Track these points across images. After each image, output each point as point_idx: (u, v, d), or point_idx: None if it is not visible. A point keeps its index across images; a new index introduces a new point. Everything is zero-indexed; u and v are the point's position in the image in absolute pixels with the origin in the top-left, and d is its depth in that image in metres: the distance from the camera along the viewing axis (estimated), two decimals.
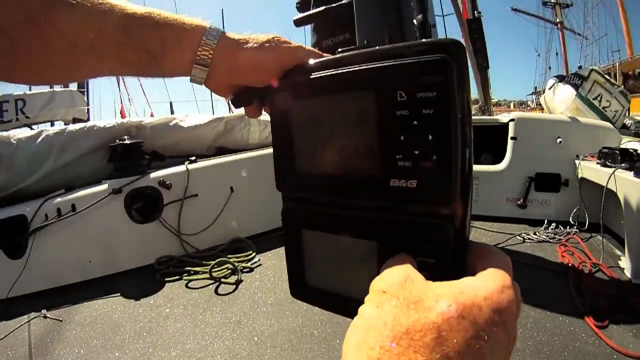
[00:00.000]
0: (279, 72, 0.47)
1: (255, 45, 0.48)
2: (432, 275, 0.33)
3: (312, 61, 0.47)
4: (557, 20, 31.59)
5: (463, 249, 0.37)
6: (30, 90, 8.25)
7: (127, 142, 3.25)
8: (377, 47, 0.41)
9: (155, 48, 0.46)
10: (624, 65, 20.54)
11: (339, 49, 0.45)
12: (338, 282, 0.46)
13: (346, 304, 0.44)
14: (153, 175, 3.30)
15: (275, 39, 0.48)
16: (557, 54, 33.28)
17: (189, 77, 0.49)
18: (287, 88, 0.47)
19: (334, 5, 1.66)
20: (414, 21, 1.41)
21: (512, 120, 3.86)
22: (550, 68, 36.24)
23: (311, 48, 0.49)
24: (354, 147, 0.41)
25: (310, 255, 0.48)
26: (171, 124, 3.74)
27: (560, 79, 4.94)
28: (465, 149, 0.35)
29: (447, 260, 0.36)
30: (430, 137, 0.35)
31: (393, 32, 1.40)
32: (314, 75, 0.43)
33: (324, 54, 0.48)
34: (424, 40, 0.40)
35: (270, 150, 0.51)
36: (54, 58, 0.44)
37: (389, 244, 0.39)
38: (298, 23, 1.90)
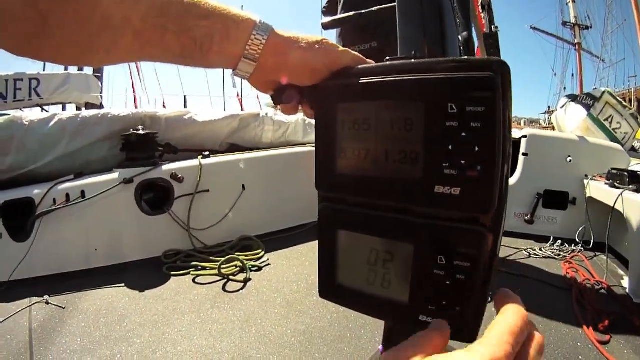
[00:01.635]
0: (326, 74, 0.48)
1: (305, 45, 0.48)
2: (465, 277, 0.39)
3: (359, 66, 0.48)
4: (576, 42, 31.57)
5: (495, 258, 0.39)
6: (44, 70, 8.14)
7: (141, 132, 3.23)
8: (427, 60, 0.43)
9: (202, 38, 0.44)
10: (639, 91, 20.56)
11: (387, 57, 0.48)
12: (370, 283, 0.47)
13: (377, 305, 0.47)
14: (165, 167, 3.28)
15: (325, 41, 0.49)
16: (572, 75, 33.24)
17: (230, 70, 0.49)
18: (335, 90, 0.48)
19: (362, 11, 1.66)
20: (459, 37, 1.41)
21: (524, 136, 3.89)
22: (565, 88, 36.21)
23: (357, 54, 0.50)
24: (400, 153, 0.43)
25: (344, 255, 0.49)
26: (186, 117, 3.74)
27: (573, 98, 4.99)
28: (504, 164, 0.37)
29: (480, 265, 0.38)
30: (476, 148, 0.37)
31: (434, 47, 1.40)
32: (364, 80, 0.45)
33: (369, 61, 0.50)
34: (472, 57, 0.42)
35: (283, 150, 0.52)
36: (90, 38, 0.42)
37: (426, 247, 0.41)
38: (326, 27, 1.90)
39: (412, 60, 0.44)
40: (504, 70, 0.37)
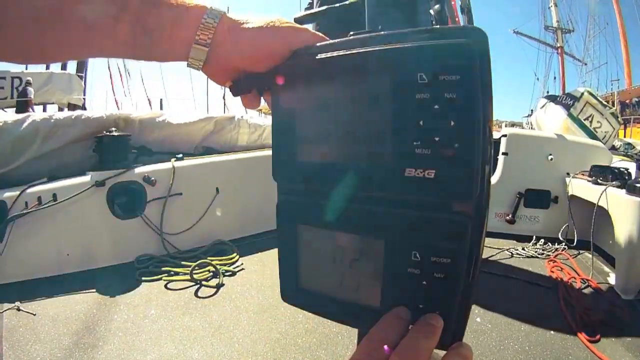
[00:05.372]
0: (283, 54, 0.44)
1: (257, 25, 0.45)
2: (445, 276, 0.33)
3: (319, 43, 0.43)
4: (558, 45, 31.85)
5: (478, 254, 0.34)
6: (27, 69, 8.02)
7: (114, 134, 3.16)
8: (394, 31, 0.37)
9: (152, 27, 0.43)
10: (622, 94, 20.73)
11: (351, 32, 0.42)
12: (336, 286, 0.42)
13: (345, 311, 0.41)
14: (138, 170, 3.20)
15: (278, 19, 0.46)
16: (554, 78, 33.39)
17: (186, 64, 0.46)
18: (292, 70, 0.43)
19: (336, 5, 1.64)
20: (431, 11, 1.35)
21: (504, 135, 3.88)
22: (547, 92, 36.07)
23: (317, 32, 0.46)
24: (365, 133, 0.38)
25: (306, 254, 0.44)
26: (160, 119, 3.67)
27: (552, 98, 5.01)
28: (486, 142, 0.32)
29: (462, 262, 0.33)
30: (452, 123, 0.32)
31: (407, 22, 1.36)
32: (322, 56, 0.40)
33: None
34: (444, 26, 0.37)
35: (259, 153, 0.46)
36: (44, 31, 0.40)
37: (399, 242, 0.36)
38: (300, 21, 1.86)
39: (378, 33, 0.39)
40: (480, 37, 0.33)
